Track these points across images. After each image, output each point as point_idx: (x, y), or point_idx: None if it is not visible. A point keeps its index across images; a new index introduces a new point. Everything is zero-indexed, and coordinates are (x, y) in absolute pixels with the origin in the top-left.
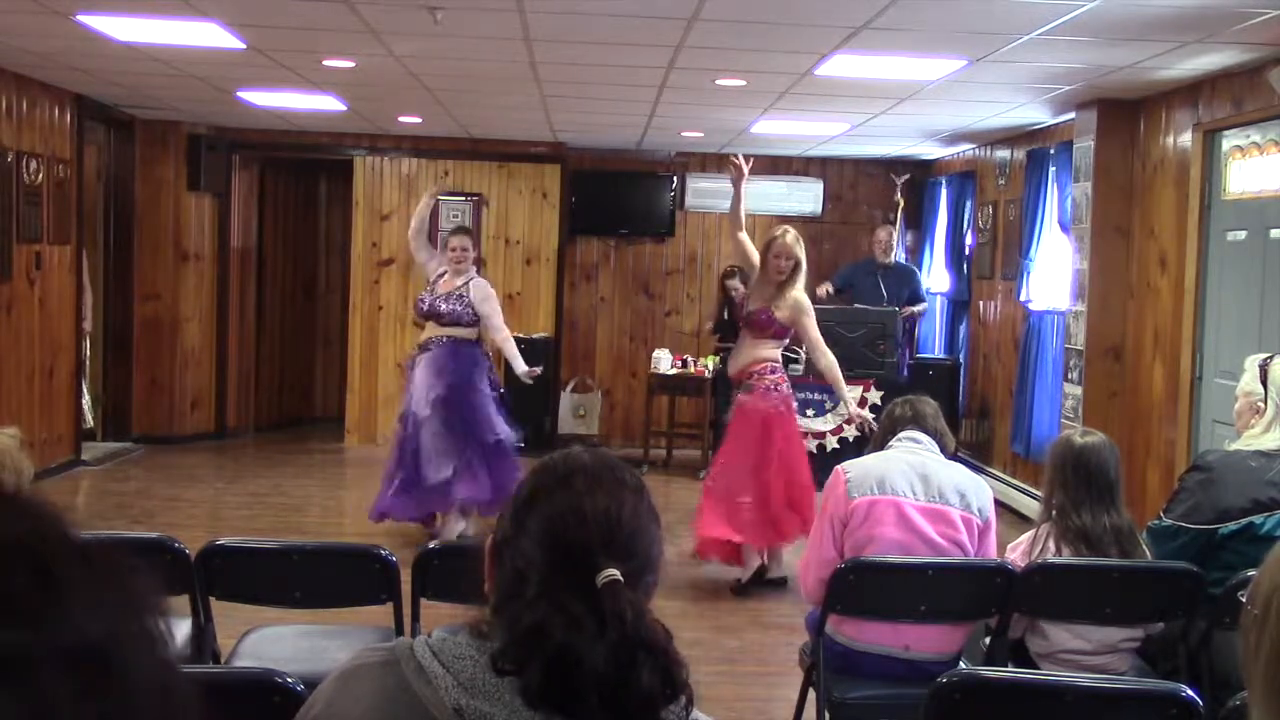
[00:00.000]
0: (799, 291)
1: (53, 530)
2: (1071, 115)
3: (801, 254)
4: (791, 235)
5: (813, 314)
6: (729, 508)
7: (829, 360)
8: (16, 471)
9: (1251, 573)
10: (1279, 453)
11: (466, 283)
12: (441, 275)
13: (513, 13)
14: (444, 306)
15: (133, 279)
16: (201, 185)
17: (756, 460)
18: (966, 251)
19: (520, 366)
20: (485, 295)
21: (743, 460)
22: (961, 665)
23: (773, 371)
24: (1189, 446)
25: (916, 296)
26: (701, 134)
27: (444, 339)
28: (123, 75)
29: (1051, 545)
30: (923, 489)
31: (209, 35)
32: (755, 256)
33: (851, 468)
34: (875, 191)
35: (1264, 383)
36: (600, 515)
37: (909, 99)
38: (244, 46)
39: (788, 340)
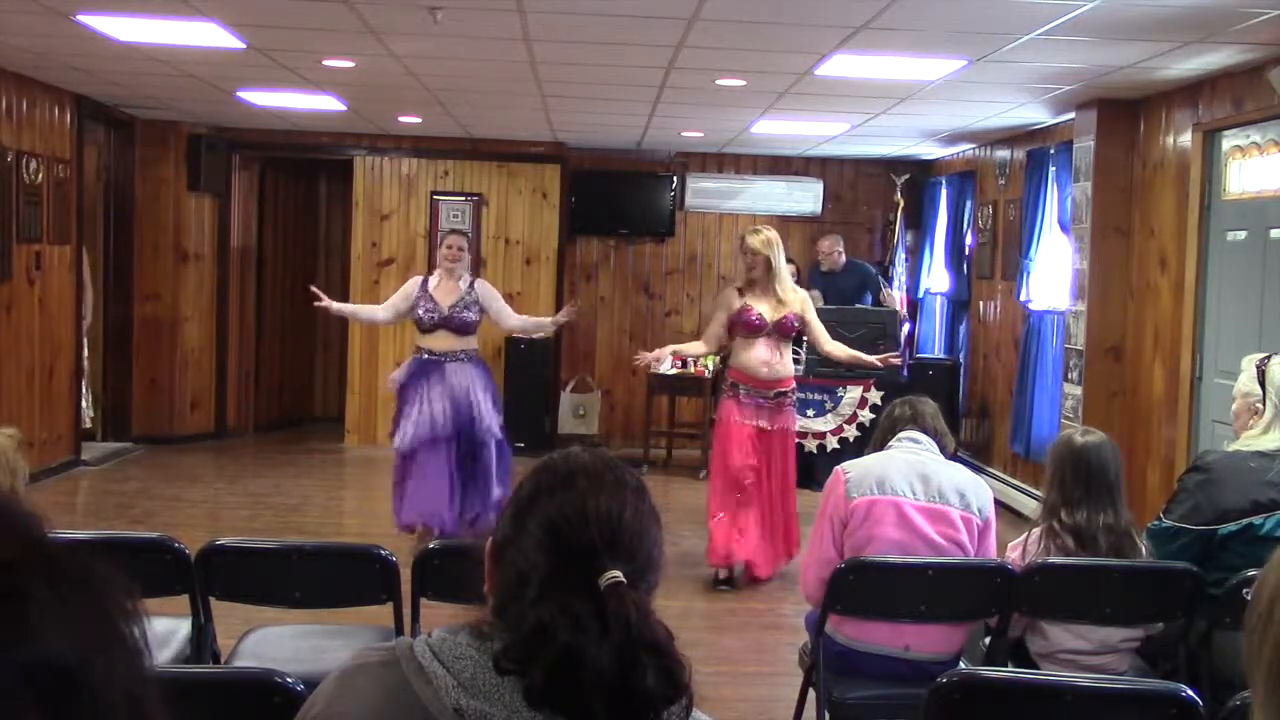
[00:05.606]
0: (795, 287)
1: (25, 542)
2: (1071, 115)
3: (774, 255)
4: (760, 238)
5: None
6: (745, 522)
7: (840, 346)
8: (11, 472)
9: (1252, 573)
10: (1278, 453)
11: (470, 285)
12: (433, 282)
13: (513, 13)
14: (462, 315)
15: (133, 279)
16: (201, 185)
17: (781, 482)
18: (966, 251)
19: (549, 319)
20: (492, 293)
21: (770, 479)
22: (961, 665)
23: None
24: (1189, 446)
25: (876, 289)
26: (701, 134)
27: (474, 355)
28: (123, 75)
29: (1051, 545)
30: (922, 489)
31: (209, 35)
32: (720, 330)
33: (851, 468)
34: (875, 191)
35: (1261, 383)
36: (602, 516)
37: (909, 99)
38: (244, 46)
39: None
